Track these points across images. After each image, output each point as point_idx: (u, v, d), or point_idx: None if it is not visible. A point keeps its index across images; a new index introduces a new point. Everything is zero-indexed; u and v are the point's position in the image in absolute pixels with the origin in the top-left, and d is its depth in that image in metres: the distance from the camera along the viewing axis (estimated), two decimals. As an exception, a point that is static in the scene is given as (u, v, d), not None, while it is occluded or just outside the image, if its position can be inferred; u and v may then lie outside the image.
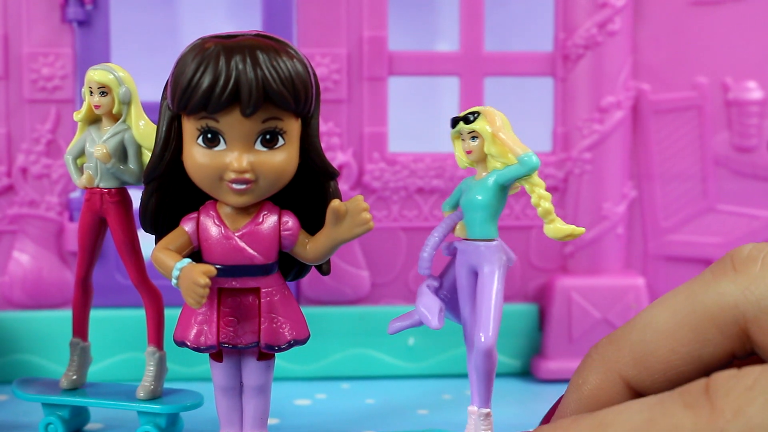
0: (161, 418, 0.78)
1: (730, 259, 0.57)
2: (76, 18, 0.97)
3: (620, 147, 1.03)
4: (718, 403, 0.50)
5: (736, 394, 0.50)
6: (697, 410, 0.51)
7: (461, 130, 0.73)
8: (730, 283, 0.55)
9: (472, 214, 0.73)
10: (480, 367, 0.72)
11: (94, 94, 0.78)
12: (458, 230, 0.74)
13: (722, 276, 0.56)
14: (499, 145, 0.71)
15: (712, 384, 0.52)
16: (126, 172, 0.78)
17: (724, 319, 0.55)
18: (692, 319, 0.56)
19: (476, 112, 0.73)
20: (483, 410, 0.74)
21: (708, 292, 0.56)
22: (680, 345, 0.56)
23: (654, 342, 0.57)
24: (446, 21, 1.25)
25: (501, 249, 0.73)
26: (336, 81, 1.00)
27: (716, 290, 0.56)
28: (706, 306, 0.56)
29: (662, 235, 1.06)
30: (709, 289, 0.56)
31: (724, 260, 0.57)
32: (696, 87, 1.04)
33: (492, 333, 0.71)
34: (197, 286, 0.64)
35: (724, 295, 0.55)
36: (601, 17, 1.00)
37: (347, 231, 0.69)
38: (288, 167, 0.68)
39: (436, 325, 0.73)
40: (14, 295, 0.99)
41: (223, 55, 0.64)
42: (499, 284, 0.72)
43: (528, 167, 0.71)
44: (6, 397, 0.93)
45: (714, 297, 0.56)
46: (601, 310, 1.00)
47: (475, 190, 0.73)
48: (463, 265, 0.74)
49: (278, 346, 0.70)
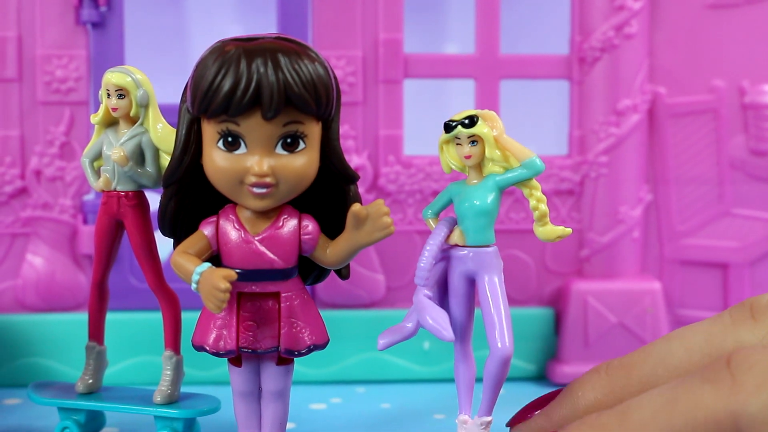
0: (178, 423, 0.78)
1: (750, 307, 0.57)
2: (90, 20, 0.97)
3: (636, 150, 1.02)
4: (739, 377, 0.50)
5: (759, 369, 0.50)
6: (718, 384, 0.50)
7: (459, 134, 0.71)
8: (748, 333, 0.56)
9: (473, 221, 0.71)
10: (495, 375, 0.71)
11: (111, 96, 0.78)
12: (456, 237, 0.73)
13: (741, 323, 0.56)
14: (501, 149, 0.71)
15: (734, 358, 0.51)
16: (143, 175, 0.78)
17: None
18: (707, 362, 0.56)
19: (474, 116, 0.71)
20: (485, 419, 0.73)
21: (726, 338, 0.56)
22: None
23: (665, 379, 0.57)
24: (455, 23, 1.24)
25: (498, 254, 0.72)
26: (351, 83, 0.99)
27: (734, 337, 0.56)
28: (723, 352, 0.56)
29: (678, 239, 1.05)
30: (728, 335, 0.56)
31: (743, 306, 0.57)
32: (712, 90, 1.04)
33: (510, 339, 0.70)
34: (218, 290, 0.64)
35: (741, 344, 0.55)
36: (617, 20, 1.00)
37: (368, 235, 0.68)
38: (309, 171, 0.67)
39: (450, 338, 0.70)
40: (27, 297, 0.98)
41: (244, 58, 0.64)
42: (503, 289, 0.72)
43: (534, 171, 0.70)
44: (20, 400, 0.92)
45: (731, 344, 0.56)
46: (617, 314, 1.00)
47: (473, 196, 0.71)
48: (459, 272, 0.73)
49: (298, 350, 0.70)
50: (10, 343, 0.97)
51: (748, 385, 0.49)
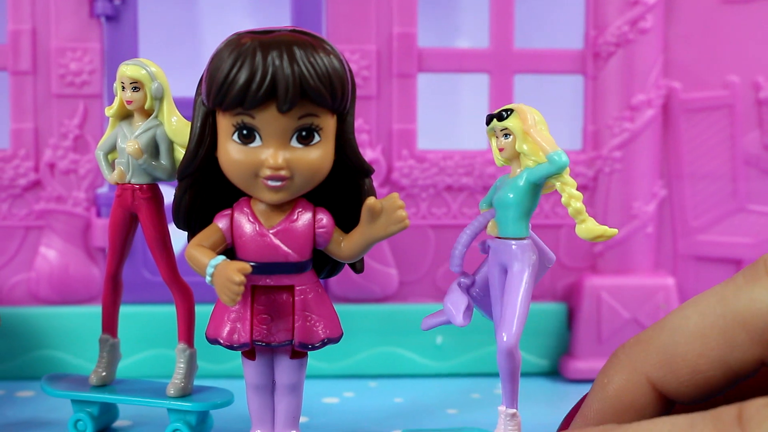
0: (191, 416, 0.78)
1: (764, 264, 0.56)
2: (104, 13, 0.97)
3: (650, 146, 1.02)
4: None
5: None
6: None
7: (494, 127, 0.72)
8: (762, 289, 0.55)
9: (504, 212, 0.72)
10: (502, 367, 0.72)
11: (126, 89, 0.77)
12: (490, 228, 0.73)
13: (754, 281, 0.55)
14: (530, 143, 0.71)
15: (746, 413, 0.50)
16: (158, 168, 0.78)
17: (755, 324, 0.54)
18: (722, 322, 0.55)
19: (510, 110, 0.72)
20: (509, 411, 0.73)
21: (739, 297, 0.55)
22: (709, 349, 0.55)
23: (683, 345, 0.56)
24: (469, 17, 1.24)
25: (532, 248, 0.72)
26: (365, 78, 0.99)
27: (748, 295, 0.55)
28: (736, 310, 0.55)
29: (692, 235, 1.05)
30: (741, 294, 0.55)
31: (757, 265, 0.56)
32: (727, 86, 1.03)
33: (515, 333, 0.70)
34: (232, 283, 0.64)
35: (755, 301, 0.54)
36: (632, 15, 1.00)
37: (382, 229, 0.68)
38: (323, 164, 0.67)
39: (460, 323, 0.73)
40: (41, 290, 0.98)
41: (260, 51, 0.64)
42: (527, 284, 0.71)
43: (557, 166, 0.70)
44: (33, 392, 0.92)
45: (745, 302, 0.55)
46: (630, 310, 1.00)
47: (507, 188, 0.72)
48: (495, 263, 0.73)
49: (312, 344, 0.69)
50: (24, 336, 0.97)
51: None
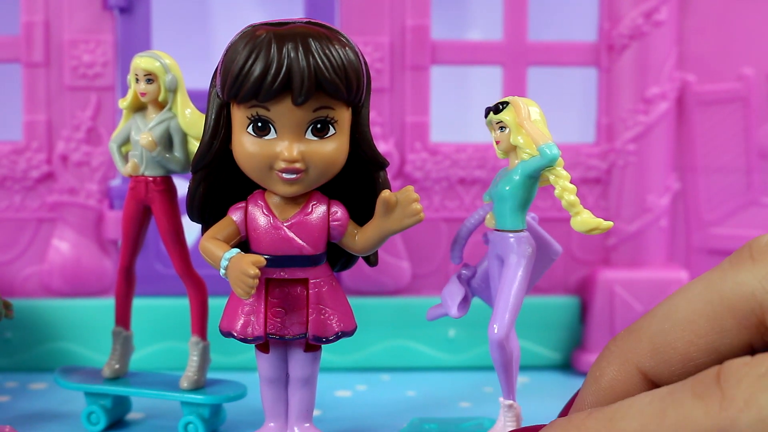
0: (205, 409, 0.78)
1: (749, 248, 0.56)
2: (117, 5, 0.97)
3: (664, 138, 1.02)
4: (729, 392, 0.49)
5: (749, 383, 0.49)
6: (708, 400, 0.50)
7: (491, 120, 0.72)
8: (747, 273, 0.54)
9: (501, 205, 0.72)
10: (495, 359, 0.71)
11: (140, 81, 0.77)
12: (488, 220, 0.73)
13: (740, 265, 0.55)
14: (525, 136, 0.70)
15: (724, 372, 0.50)
16: (171, 160, 0.78)
17: (742, 309, 0.54)
18: (710, 309, 0.55)
19: (505, 102, 0.71)
20: (506, 402, 0.73)
21: (725, 282, 0.55)
22: (698, 336, 0.55)
23: (672, 333, 0.56)
24: (482, 9, 1.24)
25: (528, 241, 0.72)
26: (378, 70, 0.99)
27: (734, 280, 0.54)
28: (723, 296, 0.55)
29: (706, 228, 1.05)
30: (727, 279, 0.55)
31: (742, 250, 0.56)
32: (742, 78, 1.03)
33: (506, 324, 0.70)
34: (247, 276, 0.64)
35: (741, 285, 0.54)
36: (646, 7, 0.99)
37: (397, 222, 0.68)
38: (338, 157, 0.67)
39: (455, 314, 0.73)
40: (53, 282, 0.98)
41: (275, 43, 0.64)
42: (521, 276, 0.71)
43: (548, 158, 0.69)
44: (46, 385, 0.93)
45: (731, 287, 0.54)
46: (643, 304, 0.99)
47: (503, 181, 0.72)
48: (494, 255, 0.73)
49: (326, 337, 0.69)
50: (37, 328, 0.97)
51: (738, 400, 0.49)
